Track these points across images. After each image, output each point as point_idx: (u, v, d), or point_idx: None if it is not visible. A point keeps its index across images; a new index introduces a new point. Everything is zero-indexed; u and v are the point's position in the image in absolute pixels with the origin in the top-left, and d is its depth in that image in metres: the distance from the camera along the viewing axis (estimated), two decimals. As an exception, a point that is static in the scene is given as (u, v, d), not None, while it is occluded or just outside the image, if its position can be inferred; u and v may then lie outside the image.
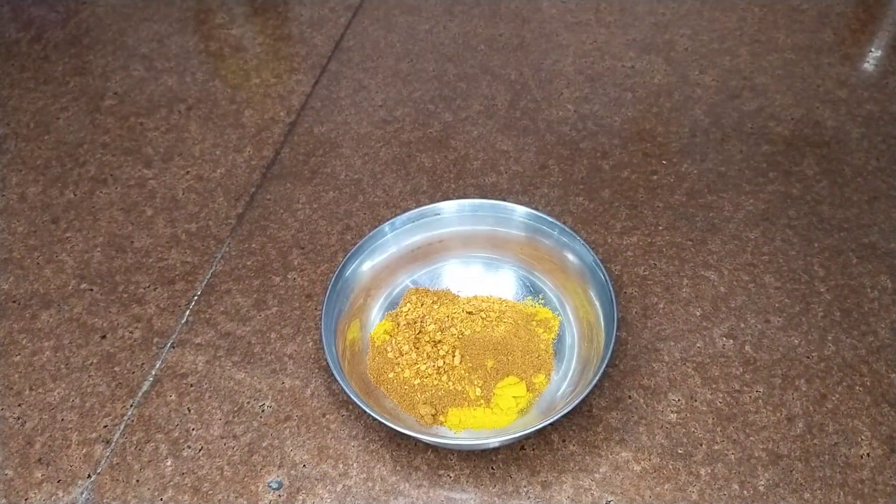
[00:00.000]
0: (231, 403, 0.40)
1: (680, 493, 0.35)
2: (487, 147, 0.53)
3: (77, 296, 0.45)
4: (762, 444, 0.37)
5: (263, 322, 0.43)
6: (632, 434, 0.38)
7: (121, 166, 0.53)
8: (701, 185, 0.50)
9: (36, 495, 0.37)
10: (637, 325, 0.42)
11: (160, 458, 0.38)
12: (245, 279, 0.45)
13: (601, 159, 0.52)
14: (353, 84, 0.59)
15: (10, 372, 0.42)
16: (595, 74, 0.59)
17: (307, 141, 0.54)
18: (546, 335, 0.41)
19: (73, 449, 0.38)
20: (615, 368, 0.40)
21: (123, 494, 0.36)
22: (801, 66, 0.59)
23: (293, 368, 0.41)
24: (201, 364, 0.41)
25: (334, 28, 0.64)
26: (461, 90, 0.58)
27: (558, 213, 0.48)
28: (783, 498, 0.35)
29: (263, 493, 0.36)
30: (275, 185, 0.51)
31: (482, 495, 0.36)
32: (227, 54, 0.63)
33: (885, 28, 0.62)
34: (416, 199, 0.50)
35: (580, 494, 0.35)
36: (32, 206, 0.51)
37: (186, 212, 0.50)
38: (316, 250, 0.47)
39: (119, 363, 0.42)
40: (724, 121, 0.54)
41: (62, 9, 0.68)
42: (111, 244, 0.48)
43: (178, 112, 0.57)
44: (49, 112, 0.58)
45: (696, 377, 0.40)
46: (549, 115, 0.56)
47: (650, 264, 0.45)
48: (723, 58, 0.60)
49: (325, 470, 0.37)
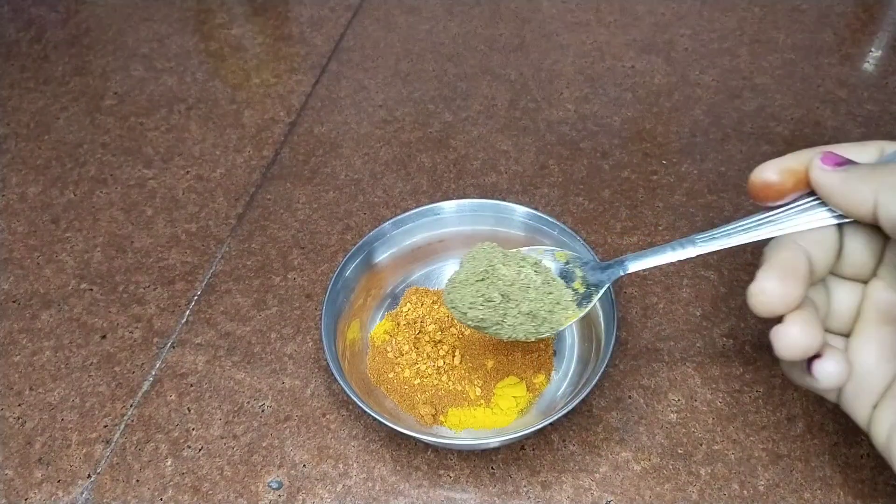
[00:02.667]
0: (231, 403, 0.40)
1: (680, 492, 0.35)
2: (487, 147, 0.53)
3: (77, 296, 0.45)
4: (762, 444, 0.37)
5: (263, 322, 0.43)
6: (632, 434, 0.38)
7: (121, 166, 0.53)
8: (701, 185, 0.50)
9: (36, 495, 0.37)
10: (637, 325, 0.42)
11: (160, 458, 0.38)
12: (245, 279, 0.45)
13: (601, 159, 0.52)
14: (353, 84, 0.59)
15: (10, 372, 0.42)
16: (595, 74, 0.59)
17: (307, 141, 0.54)
18: (546, 335, 0.41)
19: (73, 449, 0.38)
20: (615, 368, 0.40)
21: (123, 494, 0.36)
22: (801, 66, 0.59)
23: (293, 368, 0.41)
24: (201, 364, 0.41)
25: (334, 28, 0.64)
26: (461, 90, 0.58)
27: (558, 213, 0.48)
28: (783, 498, 0.35)
29: (263, 493, 0.36)
30: (275, 185, 0.51)
31: (482, 495, 0.36)
32: (227, 54, 0.63)
33: (885, 28, 0.62)
34: (416, 199, 0.50)
35: (580, 494, 0.35)
36: (32, 206, 0.51)
37: (186, 212, 0.50)
38: (316, 250, 0.47)
39: (119, 363, 0.42)
40: (724, 121, 0.54)
41: (62, 9, 0.68)
42: (111, 244, 0.48)
43: (178, 112, 0.57)
44: (49, 112, 0.58)
45: (696, 377, 0.40)
46: (549, 115, 0.56)
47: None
48: (723, 58, 0.60)
49: (325, 470, 0.37)
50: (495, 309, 0.32)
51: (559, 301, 0.33)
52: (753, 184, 0.31)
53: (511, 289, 0.32)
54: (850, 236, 0.30)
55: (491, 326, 0.33)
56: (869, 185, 0.27)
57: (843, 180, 0.28)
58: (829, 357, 0.29)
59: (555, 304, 0.33)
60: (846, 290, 0.31)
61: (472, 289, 0.32)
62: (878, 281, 0.31)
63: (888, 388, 0.30)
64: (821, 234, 0.30)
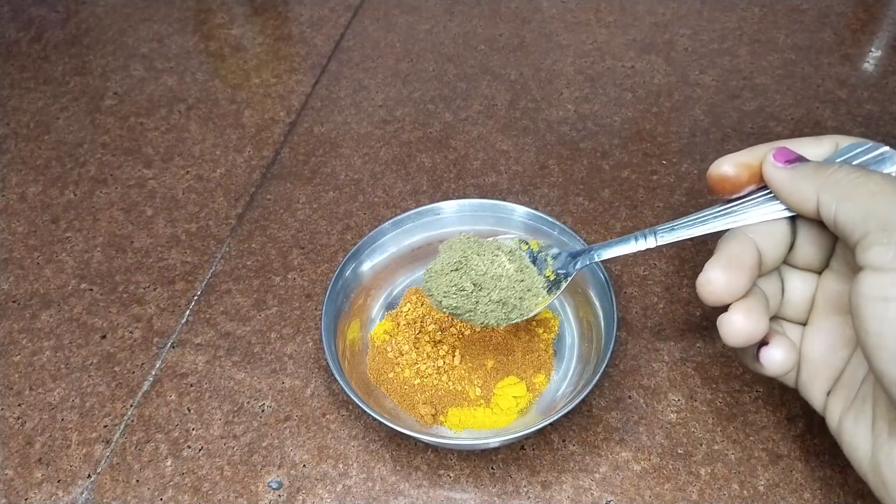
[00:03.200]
0: (231, 403, 0.40)
1: (680, 492, 0.35)
2: (487, 147, 0.53)
3: (77, 296, 0.45)
4: (762, 444, 0.37)
5: (263, 322, 0.43)
6: (632, 434, 0.38)
7: (121, 166, 0.53)
8: (701, 185, 0.50)
9: (36, 495, 0.37)
10: (637, 325, 0.42)
11: (160, 458, 0.38)
12: (245, 279, 0.45)
13: (601, 159, 0.52)
14: (353, 84, 0.59)
15: (10, 372, 0.42)
16: (595, 74, 0.59)
17: (307, 141, 0.54)
18: (546, 335, 0.41)
19: (73, 449, 0.38)
20: (615, 368, 0.40)
21: (123, 494, 0.36)
22: (801, 66, 0.59)
23: (293, 368, 0.41)
24: (201, 364, 0.41)
25: (334, 28, 0.64)
26: (461, 90, 0.58)
27: (558, 213, 0.48)
28: (783, 498, 0.35)
29: (263, 493, 0.36)
30: (275, 185, 0.51)
31: (482, 495, 0.36)
32: (227, 54, 0.63)
33: (885, 28, 0.62)
34: (416, 199, 0.50)
35: (580, 494, 0.35)
36: (32, 206, 0.51)
37: (186, 212, 0.50)
38: (316, 250, 0.47)
39: (119, 363, 0.42)
40: (724, 121, 0.54)
41: (62, 9, 0.68)
42: (111, 244, 0.48)
43: (178, 112, 0.57)
44: (49, 112, 0.58)
45: (696, 377, 0.40)
46: (549, 115, 0.56)
47: (650, 264, 0.45)
48: (723, 58, 0.60)
49: (325, 470, 0.37)
50: (468, 297, 0.34)
51: (530, 288, 0.35)
52: (711, 177, 0.32)
53: (483, 278, 0.34)
54: (802, 229, 0.31)
55: (464, 314, 0.35)
56: (812, 183, 0.28)
57: (790, 178, 0.29)
58: (775, 345, 0.30)
59: (525, 290, 0.35)
60: (801, 279, 0.32)
61: (447, 278, 0.34)
62: (830, 272, 0.31)
63: (840, 376, 0.31)
64: (773, 226, 0.31)
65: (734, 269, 0.29)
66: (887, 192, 0.26)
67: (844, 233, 0.27)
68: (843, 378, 0.30)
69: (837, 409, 0.30)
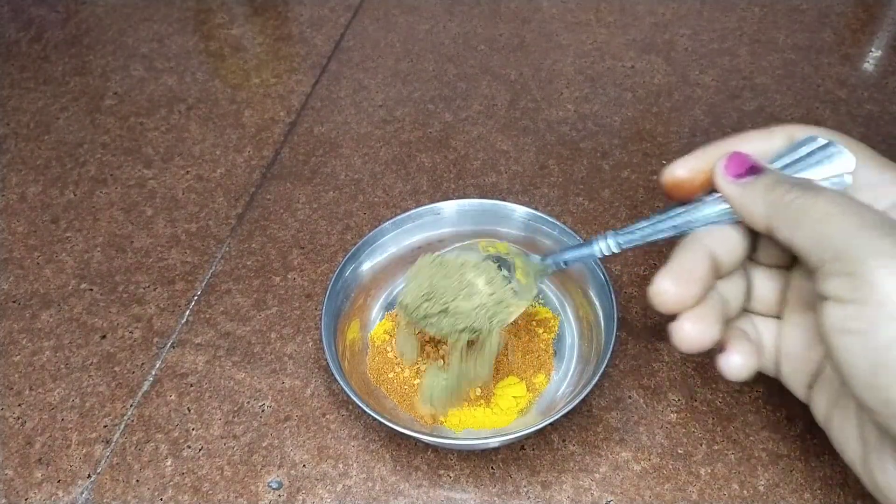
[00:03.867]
0: (231, 403, 0.40)
1: (680, 492, 0.35)
2: (487, 147, 0.53)
3: (77, 296, 0.45)
4: (762, 444, 0.37)
5: (263, 322, 0.43)
6: (632, 434, 0.38)
7: (121, 166, 0.53)
8: (701, 185, 0.50)
9: (36, 495, 0.37)
10: (637, 325, 0.42)
11: (160, 458, 0.38)
12: (245, 279, 0.45)
13: (601, 159, 0.52)
14: (353, 84, 0.59)
15: (10, 372, 0.42)
16: (595, 74, 0.59)
17: (307, 141, 0.54)
18: (546, 335, 0.41)
19: (73, 449, 0.38)
20: (615, 368, 0.40)
21: (123, 494, 0.36)
22: (801, 66, 0.59)
23: (293, 368, 0.41)
24: (201, 364, 0.41)
25: (334, 28, 0.64)
26: (461, 90, 0.58)
27: (558, 213, 0.48)
28: (783, 498, 0.35)
29: (263, 493, 0.36)
30: (275, 185, 0.51)
31: (482, 495, 0.36)
32: (227, 54, 0.63)
33: (885, 28, 0.62)
34: (416, 199, 0.50)
35: (580, 494, 0.35)
36: (32, 206, 0.51)
37: (186, 212, 0.50)
38: (316, 250, 0.47)
39: (119, 363, 0.42)
40: (724, 121, 0.54)
41: (62, 9, 0.68)
42: (111, 244, 0.48)
43: (178, 112, 0.57)
44: (49, 112, 0.58)
45: (696, 377, 0.40)
46: (549, 115, 0.56)
47: (650, 264, 0.45)
48: (723, 58, 0.60)
49: (325, 470, 0.37)
50: (441, 324, 0.34)
51: (501, 300, 0.34)
52: (665, 181, 0.32)
53: (454, 302, 0.34)
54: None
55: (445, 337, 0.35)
56: (763, 205, 0.28)
57: (740, 195, 0.29)
58: (732, 350, 0.30)
59: (497, 303, 0.34)
60: (769, 277, 0.32)
61: (421, 309, 0.34)
62: (799, 269, 0.31)
63: (820, 370, 0.30)
64: (728, 231, 0.30)
65: (683, 281, 0.29)
66: (834, 216, 0.25)
67: (802, 258, 0.26)
68: (824, 372, 0.30)
69: (822, 402, 0.30)
